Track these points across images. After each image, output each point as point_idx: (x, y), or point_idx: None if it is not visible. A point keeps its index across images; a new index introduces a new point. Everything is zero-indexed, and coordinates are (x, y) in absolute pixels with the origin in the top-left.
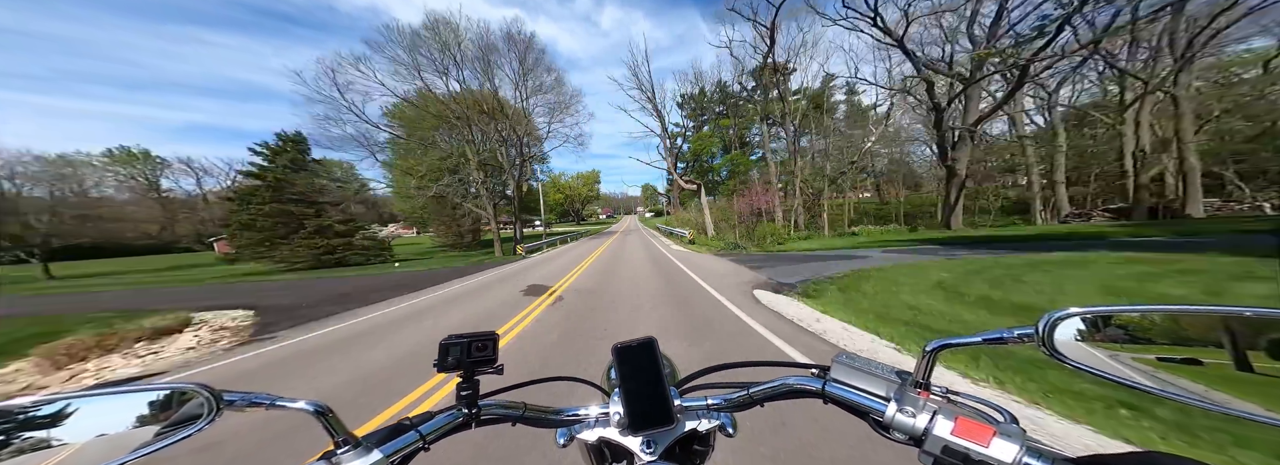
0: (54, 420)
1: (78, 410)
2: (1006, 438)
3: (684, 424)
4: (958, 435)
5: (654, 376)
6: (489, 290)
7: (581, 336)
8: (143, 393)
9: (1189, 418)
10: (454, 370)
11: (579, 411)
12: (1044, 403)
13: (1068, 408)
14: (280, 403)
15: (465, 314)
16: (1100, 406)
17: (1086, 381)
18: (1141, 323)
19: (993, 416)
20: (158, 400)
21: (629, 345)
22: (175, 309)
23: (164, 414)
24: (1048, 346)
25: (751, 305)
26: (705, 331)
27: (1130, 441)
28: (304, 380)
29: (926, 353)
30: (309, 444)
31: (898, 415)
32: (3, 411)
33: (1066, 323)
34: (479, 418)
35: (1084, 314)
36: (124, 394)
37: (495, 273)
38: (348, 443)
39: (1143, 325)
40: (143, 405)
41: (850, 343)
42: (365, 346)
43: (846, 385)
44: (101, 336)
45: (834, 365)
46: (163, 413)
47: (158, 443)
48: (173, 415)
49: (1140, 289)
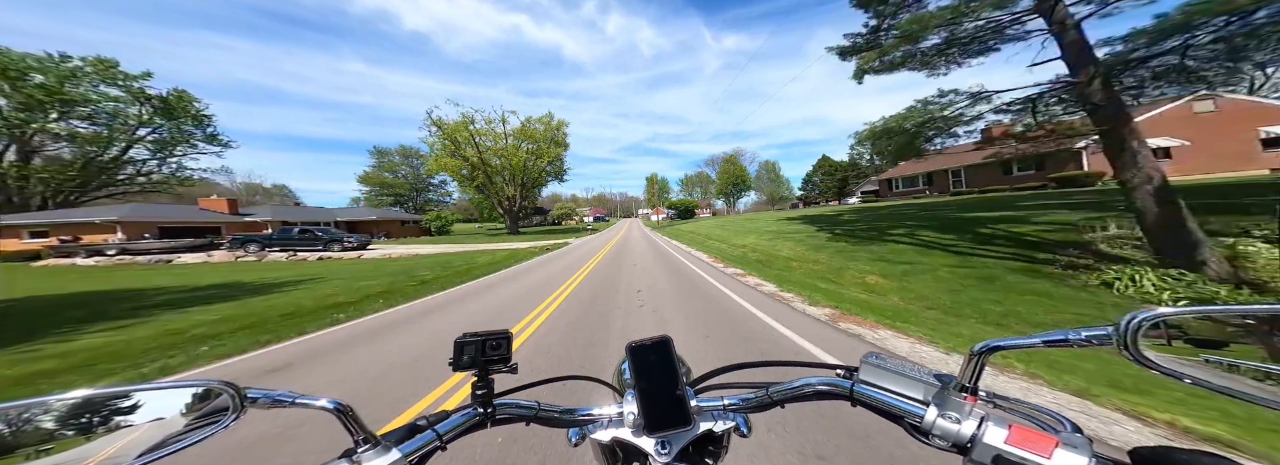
0: (83, 416)
1: (107, 406)
2: (1072, 448)
3: (699, 425)
4: (1013, 444)
5: (669, 376)
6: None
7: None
8: (170, 389)
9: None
10: (469, 369)
11: (593, 411)
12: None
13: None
14: (303, 401)
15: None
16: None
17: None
18: (1234, 324)
19: (1051, 424)
20: (185, 397)
21: (643, 344)
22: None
23: (191, 410)
24: (1131, 350)
25: None
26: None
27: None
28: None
29: (974, 354)
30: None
31: (940, 420)
32: (32, 408)
33: (1150, 324)
34: (494, 417)
35: (1170, 315)
36: (152, 390)
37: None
38: (368, 441)
39: (1236, 326)
40: (171, 402)
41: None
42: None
43: (878, 387)
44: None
45: (862, 366)
46: (190, 409)
47: (186, 439)
48: (200, 411)
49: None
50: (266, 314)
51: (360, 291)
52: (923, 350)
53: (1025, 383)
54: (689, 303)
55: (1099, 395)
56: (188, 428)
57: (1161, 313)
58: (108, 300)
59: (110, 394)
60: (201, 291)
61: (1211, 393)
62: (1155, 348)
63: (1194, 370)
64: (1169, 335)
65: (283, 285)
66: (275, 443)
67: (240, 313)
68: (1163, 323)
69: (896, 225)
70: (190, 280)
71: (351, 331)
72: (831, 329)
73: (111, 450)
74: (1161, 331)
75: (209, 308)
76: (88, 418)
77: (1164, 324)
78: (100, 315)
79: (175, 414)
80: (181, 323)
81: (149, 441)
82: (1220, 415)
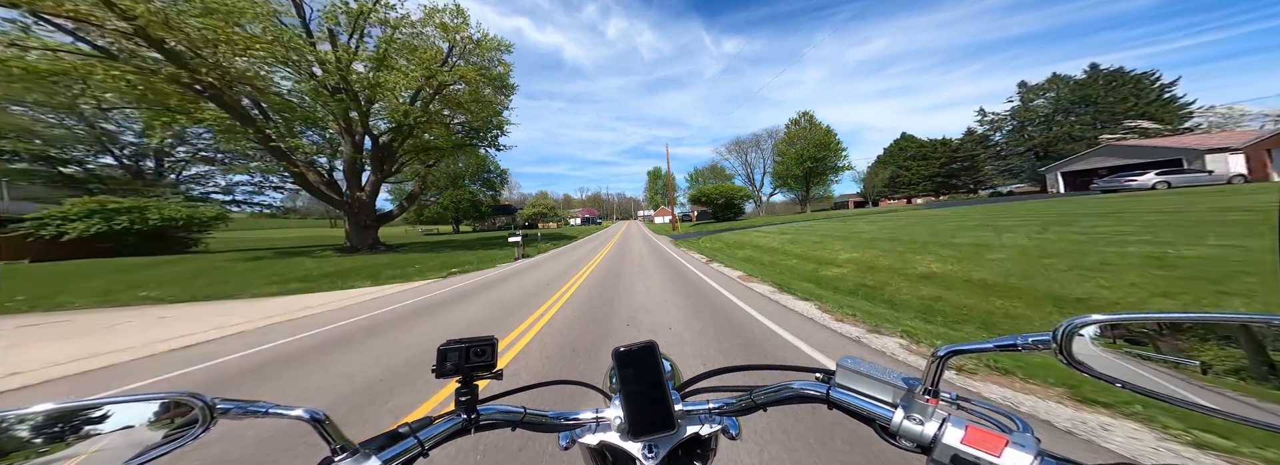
0: (49, 430)
1: (74, 419)
2: (1020, 447)
3: (685, 429)
4: (968, 444)
5: (655, 381)
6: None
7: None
8: (137, 402)
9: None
10: (452, 375)
11: (580, 416)
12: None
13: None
14: (277, 411)
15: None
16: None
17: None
18: (1163, 331)
19: (1006, 424)
20: (153, 410)
21: (630, 349)
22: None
23: (160, 423)
24: (1064, 354)
25: None
26: None
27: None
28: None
29: (937, 358)
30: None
31: (905, 422)
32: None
33: (1085, 330)
34: (478, 423)
35: (1104, 322)
36: (119, 403)
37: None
38: (345, 450)
39: (1165, 334)
40: (138, 415)
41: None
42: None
43: (851, 391)
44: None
45: (839, 370)
46: (158, 422)
47: (152, 453)
48: (170, 424)
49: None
50: None
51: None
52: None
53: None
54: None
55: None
56: (162, 440)
57: (1095, 319)
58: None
59: (77, 407)
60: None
61: (1132, 392)
62: (1101, 349)
63: (1125, 375)
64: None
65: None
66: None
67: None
68: (1102, 327)
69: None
70: None
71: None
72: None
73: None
74: (1104, 335)
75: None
76: (54, 431)
77: (1104, 330)
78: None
79: (143, 426)
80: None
81: (118, 456)
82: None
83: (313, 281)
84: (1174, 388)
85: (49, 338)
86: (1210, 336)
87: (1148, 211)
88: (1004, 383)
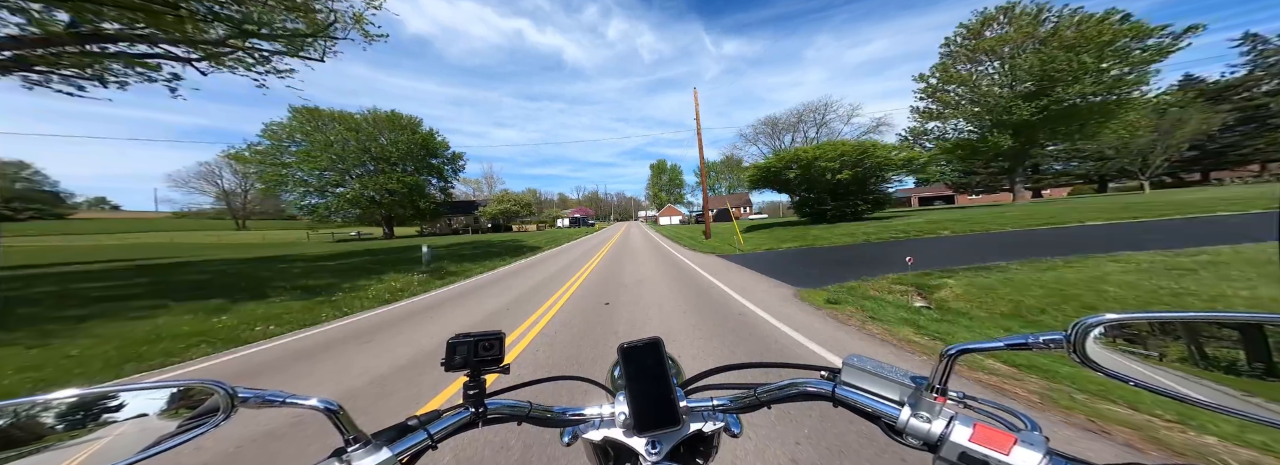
0: (76, 415)
1: (97, 406)
2: (1029, 446)
3: (689, 425)
4: (976, 442)
5: (660, 377)
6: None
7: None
8: (162, 388)
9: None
10: (461, 369)
11: (584, 411)
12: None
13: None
14: (293, 401)
15: None
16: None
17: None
18: (1176, 330)
19: (1014, 423)
20: (177, 396)
21: (635, 345)
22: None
23: (183, 409)
24: (1078, 353)
25: None
26: None
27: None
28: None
29: (945, 357)
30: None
31: (912, 420)
32: (21, 407)
33: (1097, 329)
34: (485, 417)
35: (1116, 321)
36: (144, 390)
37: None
38: (358, 441)
39: (1177, 332)
40: (163, 401)
41: None
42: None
43: (858, 389)
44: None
45: (845, 368)
46: (182, 408)
47: (178, 438)
48: (190, 411)
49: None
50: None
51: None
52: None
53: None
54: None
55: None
56: (179, 428)
57: (1108, 318)
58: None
59: (100, 394)
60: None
61: (1145, 390)
62: (1113, 348)
63: (1136, 374)
64: (1126, 337)
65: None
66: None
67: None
68: (1114, 326)
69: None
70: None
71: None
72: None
73: (101, 450)
74: (1116, 334)
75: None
76: (78, 417)
77: (1115, 328)
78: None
79: (165, 413)
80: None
81: (139, 442)
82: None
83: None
84: (1184, 386)
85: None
86: (1219, 335)
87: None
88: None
